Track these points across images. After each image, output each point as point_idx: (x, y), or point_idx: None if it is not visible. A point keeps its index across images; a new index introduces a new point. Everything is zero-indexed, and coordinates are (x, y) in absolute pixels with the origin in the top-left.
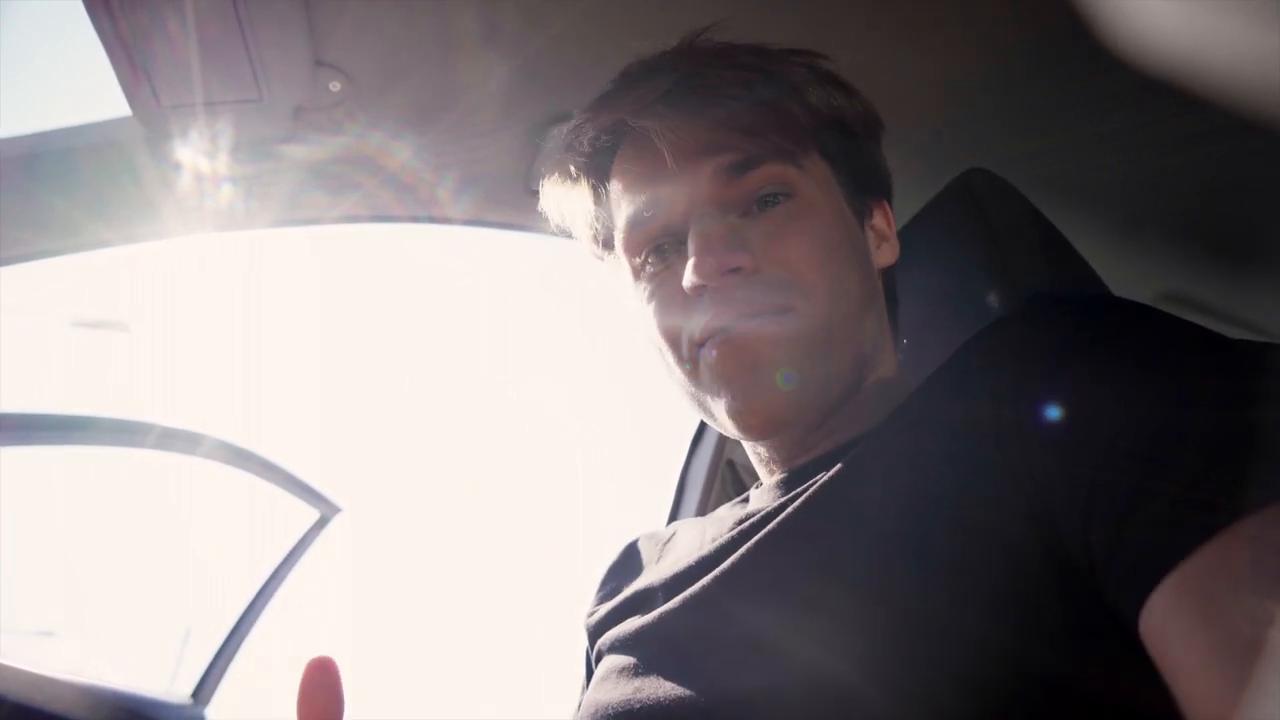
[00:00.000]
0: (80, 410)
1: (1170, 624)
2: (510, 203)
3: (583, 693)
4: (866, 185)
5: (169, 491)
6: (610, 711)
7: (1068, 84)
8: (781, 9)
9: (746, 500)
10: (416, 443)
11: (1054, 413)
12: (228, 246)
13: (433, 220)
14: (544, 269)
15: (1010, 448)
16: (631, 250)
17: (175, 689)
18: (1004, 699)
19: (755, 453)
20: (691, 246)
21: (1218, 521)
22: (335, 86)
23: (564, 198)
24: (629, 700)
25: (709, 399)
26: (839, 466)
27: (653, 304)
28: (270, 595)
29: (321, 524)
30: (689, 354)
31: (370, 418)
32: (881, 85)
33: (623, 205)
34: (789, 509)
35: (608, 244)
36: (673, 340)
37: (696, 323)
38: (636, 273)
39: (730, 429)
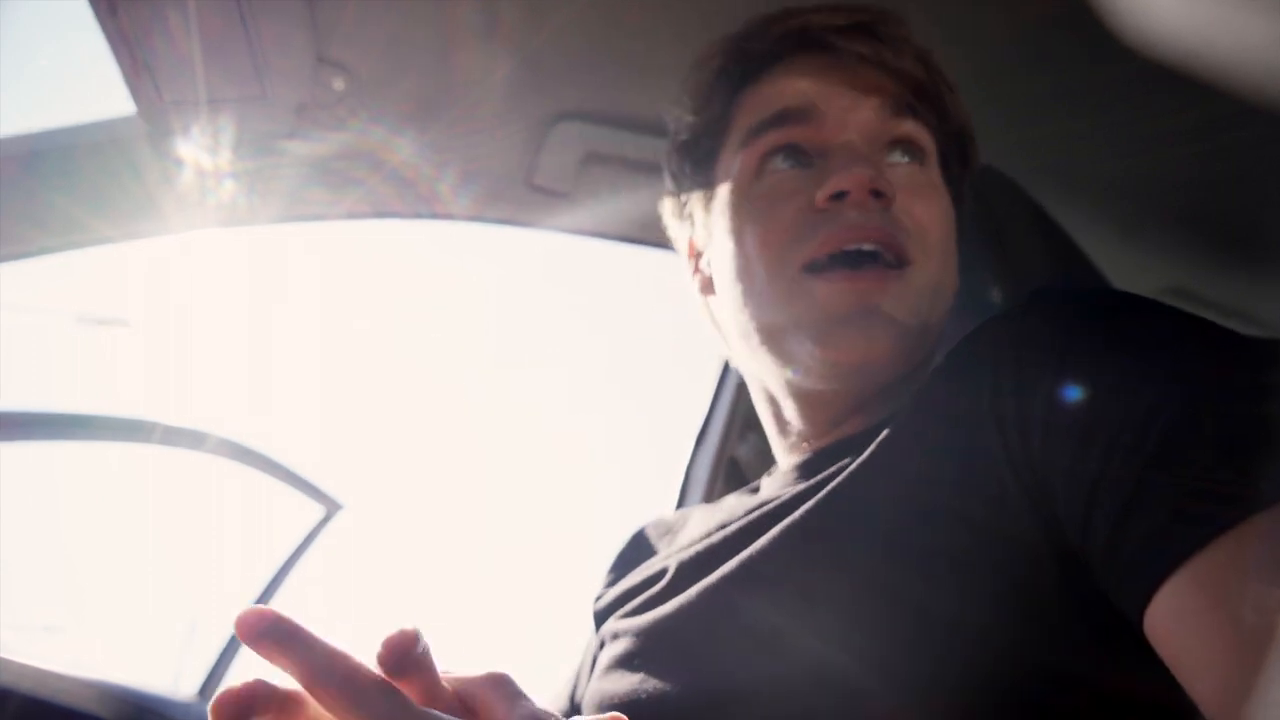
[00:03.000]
0: (83, 407)
1: (1180, 620)
2: (512, 199)
3: (580, 675)
4: (956, 210)
5: (173, 489)
6: (616, 701)
7: (1070, 77)
8: (784, 4)
9: (757, 489)
10: (420, 438)
11: (1055, 403)
12: (230, 242)
13: (435, 216)
14: (546, 265)
15: (1011, 438)
16: (763, 148)
17: (181, 685)
18: (1008, 692)
19: (779, 419)
20: (842, 159)
21: (1229, 517)
22: (338, 85)
23: (705, 76)
24: (635, 690)
25: (798, 330)
26: (850, 459)
27: (770, 210)
28: (275, 591)
29: (326, 520)
30: (796, 274)
31: (374, 413)
32: None
33: (770, 104)
34: (800, 503)
35: (704, 146)
36: (782, 251)
37: (822, 236)
38: (756, 170)
39: (811, 364)
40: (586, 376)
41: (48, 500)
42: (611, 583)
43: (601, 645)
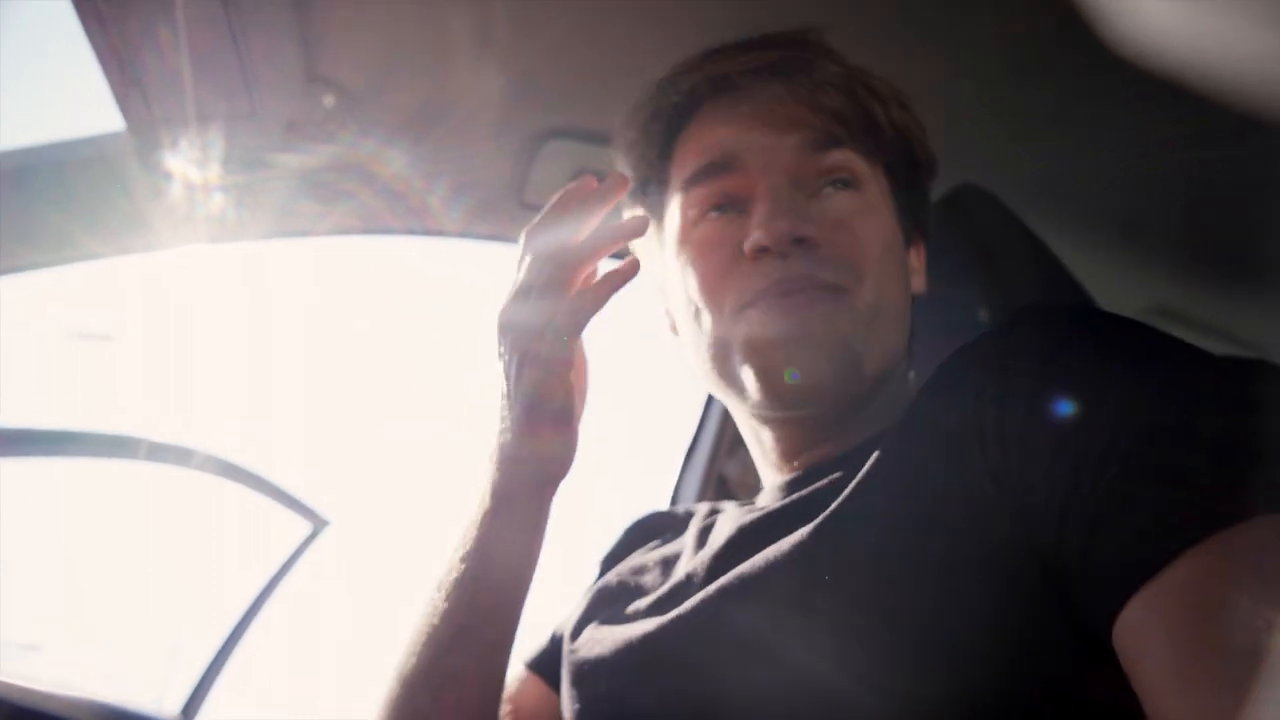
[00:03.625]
0: (71, 423)
1: (1143, 633)
2: (503, 215)
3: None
4: (914, 217)
5: (159, 505)
6: (604, 712)
7: (1056, 92)
8: (771, 17)
9: (751, 504)
10: (407, 454)
11: (1033, 417)
12: (220, 258)
13: (425, 232)
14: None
15: (991, 451)
16: (695, 201)
17: (165, 704)
18: (998, 703)
19: (760, 444)
20: (764, 209)
21: (1194, 533)
22: (328, 100)
23: (637, 137)
24: (622, 702)
25: (742, 362)
26: (838, 475)
27: (703, 258)
28: (260, 609)
29: (312, 537)
30: (732, 314)
31: (360, 430)
32: None
33: (697, 156)
34: (790, 520)
35: (651, 191)
36: (717, 296)
37: (751, 284)
38: (691, 225)
39: (758, 395)
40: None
41: (31, 516)
42: (606, 571)
43: (590, 648)
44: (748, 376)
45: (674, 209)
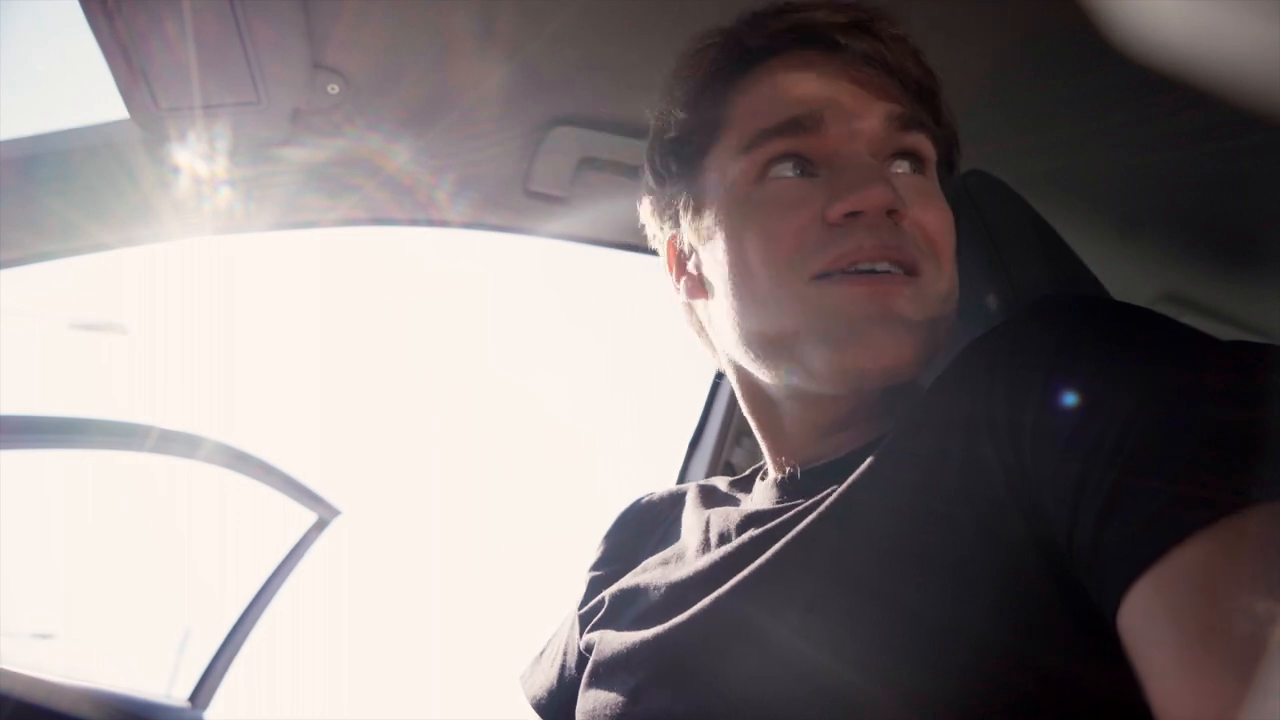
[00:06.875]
0: (79, 413)
1: (1147, 619)
2: (509, 205)
3: (568, 650)
4: None
5: (168, 495)
6: (614, 716)
7: (1065, 82)
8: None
9: (749, 485)
10: (417, 444)
11: (1045, 409)
12: (227, 248)
13: (431, 223)
14: (541, 272)
15: (1004, 444)
16: (763, 157)
17: (174, 692)
18: (1008, 698)
19: (778, 428)
20: (856, 175)
21: (1201, 518)
22: (333, 89)
23: (698, 82)
24: (634, 705)
25: (809, 334)
26: (847, 469)
27: (774, 217)
28: (269, 598)
29: (320, 526)
30: (805, 280)
31: (370, 420)
32: None
33: (773, 109)
34: (802, 519)
35: (694, 142)
36: (789, 259)
37: (834, 251)
38: (752, 182)
39: (825, 368)
40: (582, 382)
41: (41, 506)
42: (605, 560)
43: (587, 648)
44: (815, 351)
45: (730, 164)
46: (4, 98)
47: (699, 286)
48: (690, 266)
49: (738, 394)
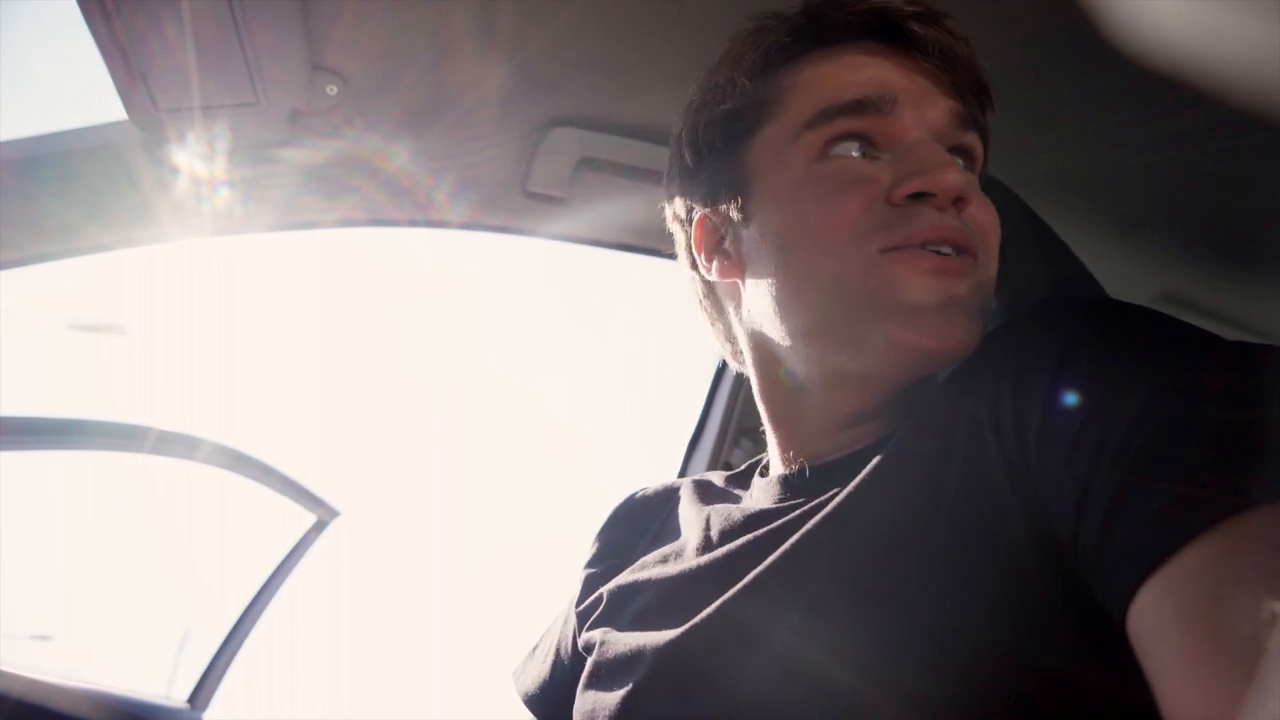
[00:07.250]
0: (79, 414)
1: (1156, 620)
2: (508, 206)
3: (563, 642)
4: None
5: (167, 496)
6: (610, 718)
7: (1065, 82)
8: (779, 8)
9: (746, 481)
10: (416, 444)
11: (1050, 411)
12: (226, 250)
13: (430, 224)
14: (540, 273)
15: (1008, 445)
16: (836, 129)
17: (173, 693)
18: (1008, 698)
19: (793, 421)
20: (928, 158)
21: (1208, 519)
22: (332, 90)
23: (763, 45)
24: (633, 712)
25: (871, 309)
26: (851, 469)
27: (840, 192)
28: (268, 599)
29: (319, 527)
30: (871, 256)
31: (369, 420)
32: None
33: (848, 86)
34: (806, 520)
35: (748, 117)
36: (851, 232)
37: (902, 228)
38: (815, 158)
39: (881, 346)
40: (581, 383)
41: (40, 508)
42: (600, 556)
43: (587, 648)
44: (876, 328)
45: (789, 140)
46: (4, 98)
47: (734, 266)
48: (727, 245)
49: (753, 382)
